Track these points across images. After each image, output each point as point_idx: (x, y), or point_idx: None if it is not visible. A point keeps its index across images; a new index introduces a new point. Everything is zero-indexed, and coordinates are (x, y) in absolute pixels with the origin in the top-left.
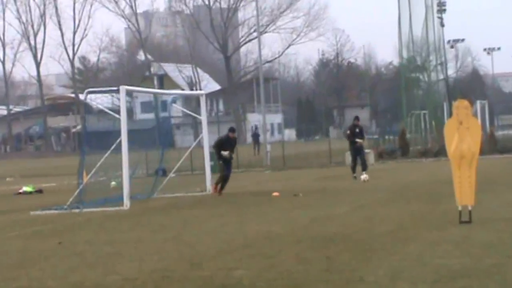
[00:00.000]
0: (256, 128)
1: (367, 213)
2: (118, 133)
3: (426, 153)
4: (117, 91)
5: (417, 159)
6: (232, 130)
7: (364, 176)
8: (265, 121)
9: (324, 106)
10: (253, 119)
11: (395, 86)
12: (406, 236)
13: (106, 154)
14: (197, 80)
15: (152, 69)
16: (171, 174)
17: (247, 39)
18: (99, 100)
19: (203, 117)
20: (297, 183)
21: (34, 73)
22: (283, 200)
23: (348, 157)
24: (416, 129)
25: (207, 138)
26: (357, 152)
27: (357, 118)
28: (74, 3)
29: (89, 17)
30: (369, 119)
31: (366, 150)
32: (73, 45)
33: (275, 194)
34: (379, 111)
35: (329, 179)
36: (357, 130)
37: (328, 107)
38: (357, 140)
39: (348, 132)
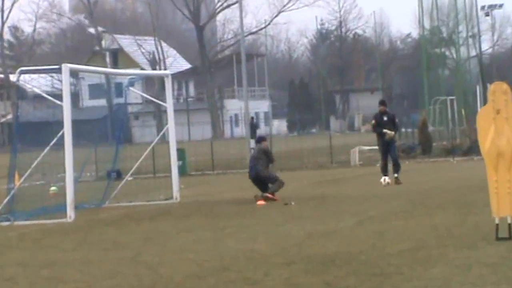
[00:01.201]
0: (253, 119)
1: (378, 227)
2: (60, 125)
3: (454, 150)
4: (59, 71)
5: (442, 158)
6: (260, 139)
7: (386, 179)
8: (247, 109)
9: (324, 90)
10: (233, 106)
11: (414, 64)
12: (428, 256)
13: (44, 152)
14: (161, 57)
15: (103, 43)
16: (128, 177)
17: (225, 4)
18: (35, 82)
19: (169, 104)
20: (288, 189)
21: None
22: (270, 210)
23: (355, 156)
24: (441, 120)
25: (174, 131)
26: (387, 147)
27: (382, 103)
28: None
29: None
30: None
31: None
32: (2, 11)
33: (261, 202)
34: (393, 96)
35: (330, 184)
36: (385, 118)
37: (329, 91)
38: (386, 131)
39: (373, 122)
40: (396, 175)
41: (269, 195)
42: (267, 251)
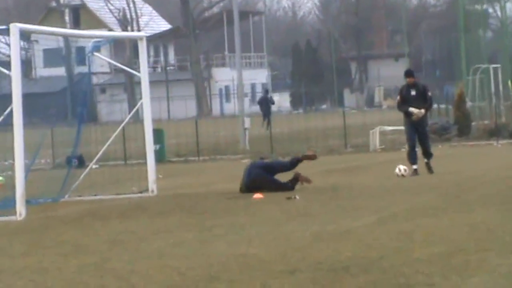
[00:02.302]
0: (267, 92)
1: (403, 226)
2: (7, 99)
3: (498, 131)
4: (6, 32)
5: (483, 141)
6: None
7: (401, 168)
8: (241, 80)
9: (336, 57)
10: (223, 77)
11: (449, 25)
12: (465, 263)
13: None
14: (134, 16)
15: None
16: (92, 165)
17: None
18: None
19: (143, 74)
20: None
21: None
22: (269, 205)
23: (374, 138)
24: (482, 93)
25: (150, 108)
26: (416, 130)
27: (409, 73)
28: None
29: None
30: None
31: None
32: None
33: (257, 196)
34: (422, 65)
35: (343, 173)
36: (413, 93)
37: (342, 58)
38: (412, 110)
39: (398, 97)
40: (426, 160)
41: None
42: (265, 256)
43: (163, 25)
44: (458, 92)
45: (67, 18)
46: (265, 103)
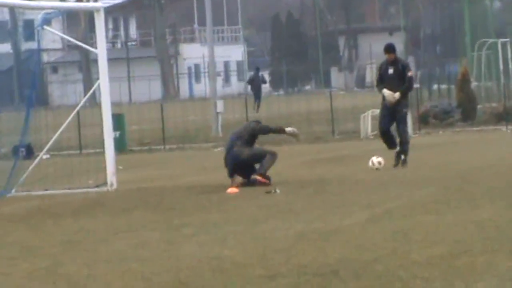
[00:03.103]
0: (258, 70)
1: (399, 224)
2: None
3: (508, 115)
4: None
5: (490, 126)
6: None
7: (374, 159)
8: (213, 58)
9: (322, 30)
10: (192, 54)
11: None
12: (471, 265)
13: None
14: None
15: None
16: (43, 155)
17: None
18: None
19: (101, 51)
20: (272, 171)
21: None
22: (246, 200)
23: (366, 124)
24: (489, 72)
25: (108, 89)
26: (390, 114)
27: (389, 48)
28: None
29: None
30: (402, 54)
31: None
32: None
33: (232, 189)
34: (421, 39)
35: (331, 163)
36: (391, 71)
37: (329, 32)
38: (385, 92)
39: (377, 76)
40: (402, 156)
41: (259, 178)
42: (241, 259)
43: None
44: (461, 71)
45: None
46: (256, 83)
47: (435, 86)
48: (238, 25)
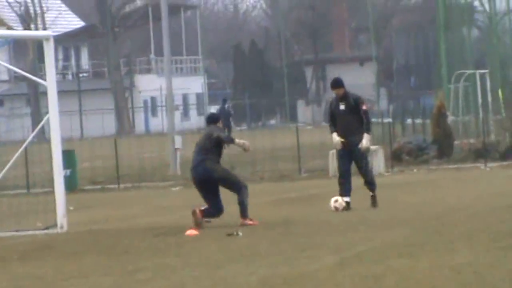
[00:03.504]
0: (225, 101)
1: (370, 269)
2: None
3: (487, 152)
4: None
5: (468, 163)
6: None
7: (339, 199)
8: (171, 90)
9: (288, 61)
10: (149, 86)
11: (426, 22)
12: None
13: None
14: (39, 11)
15: None
16: None
17: None
18: None
19: (50, 83)
20: (233, 211)
21: None
22: (206, 243)
23: (335, 160)
24: (466, 105)
25: (58, 124)
26: (348, 154)
27: (337, 82)
28: None
29: None
30: (374, 86)
31: (372, 148)
32: None
33: (191, 232)
34: (394, 70)
35: (297, 203)
36: (342, 107)
37: (296, 62)
38: (335, 138)
39: (329, 115)
40: (372, 193)
41: (250, 222)
42: None
43: (75, 23)
44: (437, 104)
45: None
46: (224, 116)
47: (409, 121)
48: (198, 55)
